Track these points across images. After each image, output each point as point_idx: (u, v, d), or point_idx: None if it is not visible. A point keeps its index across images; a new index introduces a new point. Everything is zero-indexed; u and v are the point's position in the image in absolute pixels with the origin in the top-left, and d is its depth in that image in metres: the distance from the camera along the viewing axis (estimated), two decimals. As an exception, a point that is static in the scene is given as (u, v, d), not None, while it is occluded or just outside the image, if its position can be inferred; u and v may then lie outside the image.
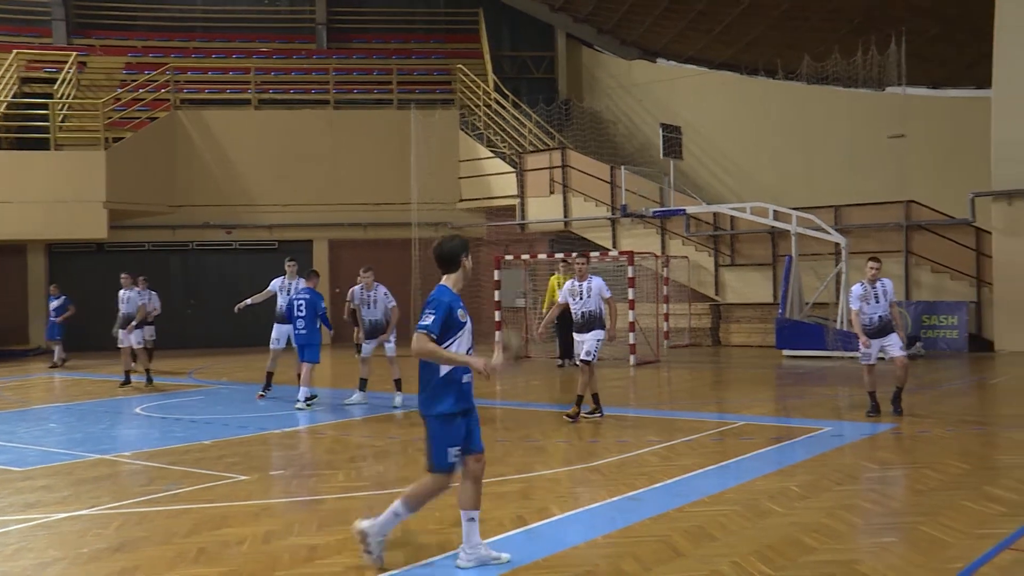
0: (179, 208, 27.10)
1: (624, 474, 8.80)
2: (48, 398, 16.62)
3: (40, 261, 27.18)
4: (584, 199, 25.87)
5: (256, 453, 10.51)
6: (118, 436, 12.24)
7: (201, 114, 27.75)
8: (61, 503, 8.16)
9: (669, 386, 16.68)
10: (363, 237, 27.54)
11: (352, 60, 31.31)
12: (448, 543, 6.52)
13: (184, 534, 6.98)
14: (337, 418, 13.13)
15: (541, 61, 32.92)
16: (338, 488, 8.52)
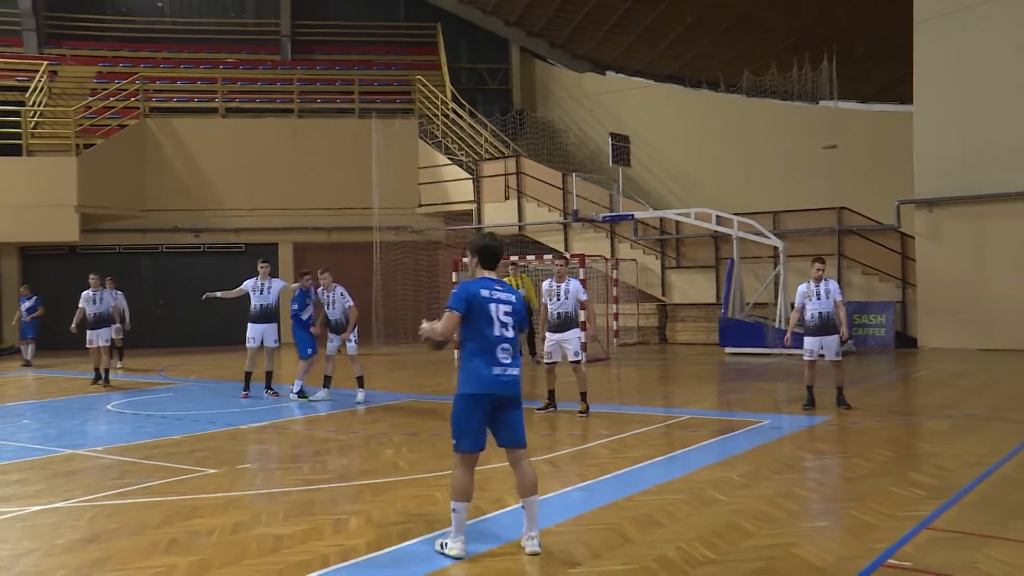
0: (149, 212, 26.79)
1: (577, 465, 8.86)
2: (21, 395, 16.35)
3: (13, 263, 26.70)
4: (538, 204, 25.95)
5: (224, 447, 10.42)
6: (91, 432, 12.09)
7: (170, 122, 27.43)
8: (35, 496, 8.05)
9: (619, 382, 16.79)
10: (326, 240, 27.39)
11: (315, 71, 31.13)
12: (410, 532, 6.53)
13: (156, 525, 6.92)
14: (303, 414, 13.06)
15: (496, 73, 32.97)
16: (303, 481, 8.48)
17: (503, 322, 5.95)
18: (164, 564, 5.96)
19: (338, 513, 7.18)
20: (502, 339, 5.94)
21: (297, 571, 5.77)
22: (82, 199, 24.76)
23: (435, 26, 31.97)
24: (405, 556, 6.05)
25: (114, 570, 5.90)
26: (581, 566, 5.77)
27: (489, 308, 5.92)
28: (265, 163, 27.25)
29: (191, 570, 5.84)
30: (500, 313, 5.94)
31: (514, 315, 6.01)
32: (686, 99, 29.09)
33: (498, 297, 5.97)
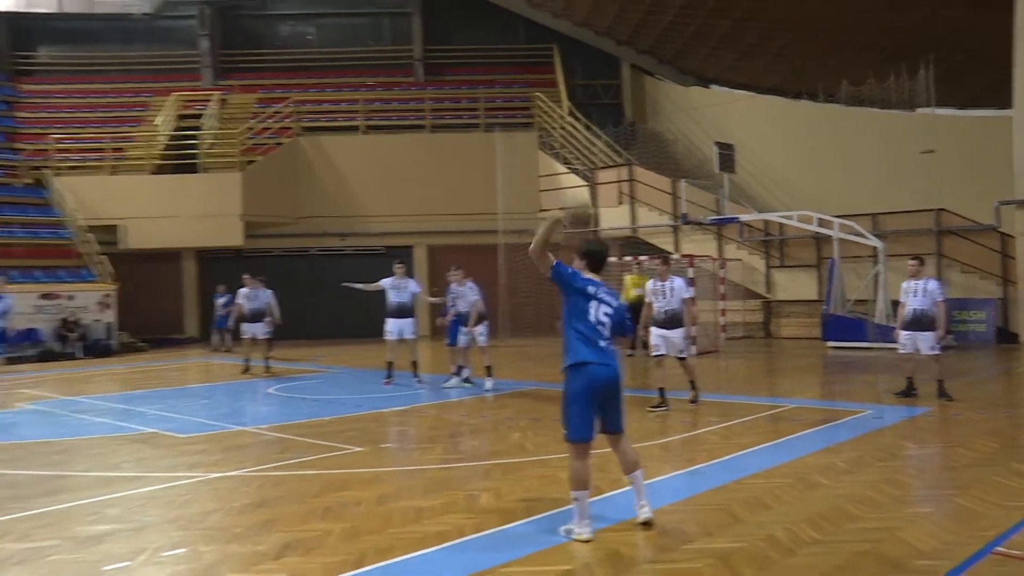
0: (302, 219, 27.61)
1: (687, 450, 8.75)
2: (201, 379, 17.11)
3: (192, 265, 28.02)
4: (649, 209, 25.65)
5: (370, 428, 10.68)
6: (256, 412, 12.57)
7: (319, 139, 28.22)
8: (214, 465, 8.46)
9: (727, 373, 16.47)
10: (456, 243, 27.68)
11: (445, 91, 31.51)
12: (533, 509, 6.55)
13: (313, 495, 7.16)
14: (438, 399, 13.27)
15: (609, 88, 32.72)
16: (439, 459, 8.61)
17: (601, 321, 5.89)
18: (320, 529, 6.16)
19: (471, 489, 7.26)
20: (601, 335, 5.88)
21: (436, 540, 5.87)
22: (245, 209, 25.75)
23: (552, 47, 31.94)
24: (531, 530, 6.08)
25: (279, 531, 6.13)
26: (693, 543, 5.70)
27: (590, 305, 5.89)
28: (401, 174, 27.76)
29: (343, 535, 6.01)
30: (600, 313, 5.90)
31: (613, 316, 5.94)
32: (787, 109, 28.31)
33: (601, 297, 5.94)
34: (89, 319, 22.69)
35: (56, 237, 25.04)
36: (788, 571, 5.17)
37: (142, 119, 29.70)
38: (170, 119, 28.77)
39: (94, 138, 28.15)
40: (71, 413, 12.26)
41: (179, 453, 9.16)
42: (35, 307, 21.98)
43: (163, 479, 7.89)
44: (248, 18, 32.95)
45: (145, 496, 7.30)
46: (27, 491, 7.55)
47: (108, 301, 23.20)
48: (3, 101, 30.62)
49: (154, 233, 25.54)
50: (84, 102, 30.97)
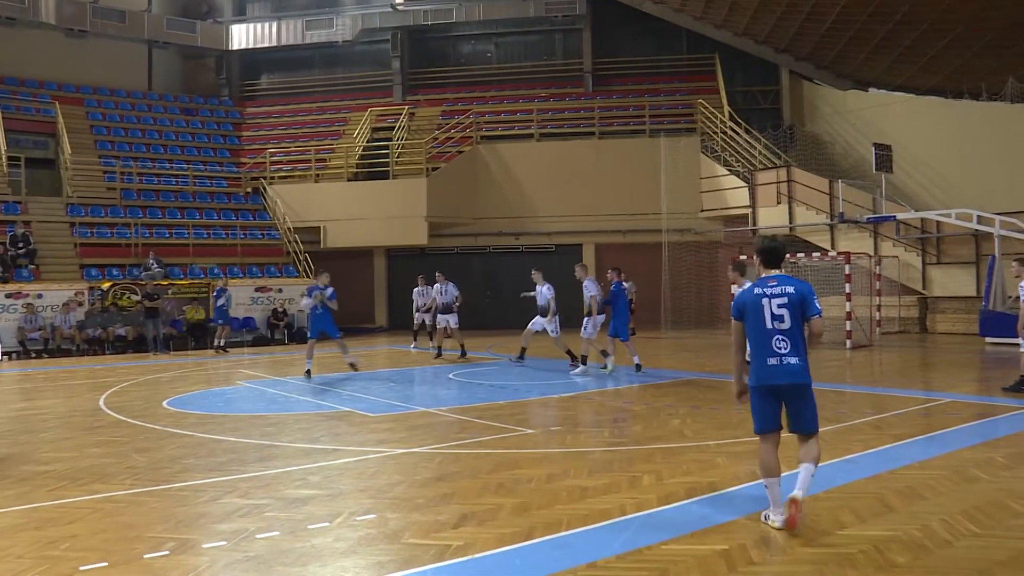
0: (479, 220, 28.22)
1: (842, 440, 8.34)
2: (388, 364, 17.82)
3: (382, 262, 29.22)
4: (806, 208, 24.57)
5: (539, 412, 10.78)
6: (437, 395, 12.94)
7: (496, 147, 28.73)
8: (399, 442, 8.77)
9: (881, 367, 15.58)
10: (622, 241, 27.54)
11: (612, 99, 31.33)
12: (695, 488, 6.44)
13: (487, 472, 7.30)
14: (602, 387, 13.25)
15: (768, 94, 31.55)
16: (604, 442, 8.61)
17: (776, 315, 5.50)
18: (494, 503, 6.28)
19: (633, 471, 7.22)
20: (775, 331, 5.51)
21: (600, 517, 5.88)
22: (430, 211, 26.61)
23: (713, 56, 31.14)
24: (690, 511, 5.99)
25: (457, 503, 6.31)
26: (848, 529, 5.45)
27: (761, 304, 5.56)
28: (571, 178, 27.85)
29: (515, 510, 6.11)
30: (773, 306, 5.52)
31: (789, 307, 5.49)
32: (947, 109, 26.32)
33: (771, 292, 5.56)
34: (294, 309, 24.12)
35: (268, 238, 26.81)
36: (945, 562, 4.85)
37: (342, 133, 31.27)
38: (365, 132, 30.15)
39: (301, 151, 29.90)
40: (279, 392, 13.07)
41: (369, 430, 9.56)
42: (251, 299, 23.65)
43: (356, 452, 8.26)
44: (434, 39, 33.96)
45: (340, 467, 7.68)
46: (246, 456, 8.14)
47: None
48: (231, 123, 33.07)
49: (350, 233, 26.88)
50: (294, 120, 32.94)
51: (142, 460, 8.02)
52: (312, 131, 31.89)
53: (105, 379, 15.15)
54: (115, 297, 21.63)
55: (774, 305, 5.52)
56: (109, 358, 19.85)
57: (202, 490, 6.85)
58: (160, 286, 21.80)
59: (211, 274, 24.14)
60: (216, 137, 31.84)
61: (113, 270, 23.10)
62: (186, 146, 30.56)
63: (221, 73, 35.02)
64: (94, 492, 6.82)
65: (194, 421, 10.35)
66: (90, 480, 7.23)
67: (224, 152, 31.09)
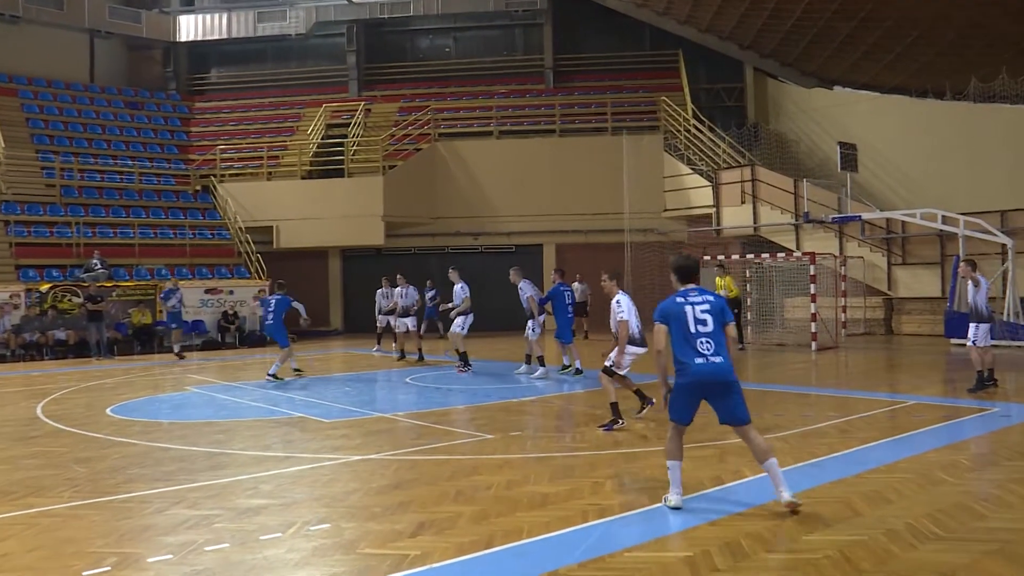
0: (437, 219, 28.15)
1: (807, 444, 8.45)
2: (343, 368, 17.69)
3: (337, 263, 28.99)
4: (771, 208, 24.89)
5: (498, 417, 10.75)
6: (394, 399, 12.88)
7: (454, 144, 28.68)
8: (356, 448, 8.71)
9: (847, 369, 15.83)
10: (584, 241, 27.66)
11: (574, 96, 31.46)
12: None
13: (445, 479, 7.28)
14: (561, 391, 13.27)
15: (732, 92, 31.93)
16: (565, 447, 8.61)
17: (700, 319, 6.13)
18: (452, 511, 6.26)
19: (596, 476, 7.24)
20: (699, 334, 6.11)
21: (561, 524, 5.88)
22: (386, 210, 26.46)
23: (677, 53, 31.42)
24: (654, 516, 6.02)
25: (415, 511, 6.27)
26: (814, 534, 5.51)
27: (684, 311, 6.17)
28: (532, 176, 27.91)
29: (474, 517, 6.09)
30: (697, 312, 6.17)
31: (711, 312, 6.17)
32: (912, 108, 26.87)
33: (693, 300, 6.23)
34: (246, 312, 23.82)
35: (219, 238, 26.45)
36: (909, 566, 4.92)
37: (295, 129, 30.99)
38: (320, 128, 29.91)
39: (253, 147, 29.56)
40: (230, 397, 12.92)
41: (324, 436, 9.50)
42: (201, 301, 23.30)
43: (309, 460, 8.20)
44: (391, 33, 33.81)
45: (294, 475, 7.61)
46: (195, 465, 8.01)
47: (262, 296, 24.24)
48: (179, 118, 32.56)
49: (304, 233, 26.62)
50: (246, 116, 32.56)
51: (82, 471, 7.85)
52: (264, 127, 31.57)
53: (43, 386, 14.82)
54: (55, 300, 21.16)
55: (698, 311, 6.18)
56: (48, 364, 19.43)
57: (147, 501, 6.72)
58: (104, 288, 21.38)
59: (158, 275, 23.75)
60: (163, 133, 31.35)
61: (53, 271, 22.58)
62: (131, 141, 30.03)
63: (168, 66, 34.50)
64: (29, 507, 6.63)
65: (139, 429, 10.16)
66: (24, 494, 7.03)
67: (172, 148, 30.63)
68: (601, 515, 6.06)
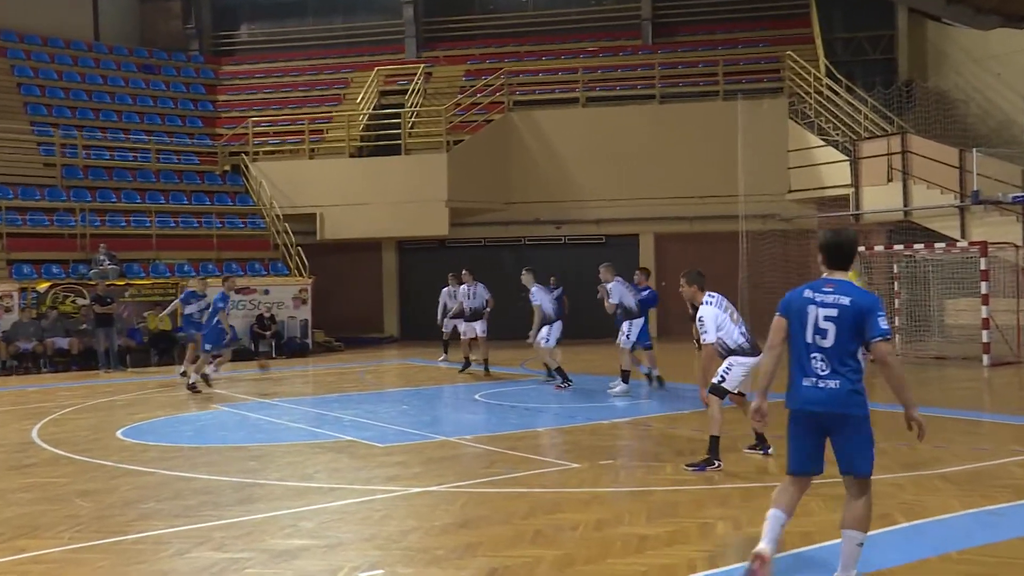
0: (512, 205, 28.21)
1: (980, 485, 8.12)
2: (400, 383, 17.89)
3: (392, 257, 29.32)
4: (927, 186, 24.19)
5: (585, 442, 10.71)
6: (461, 420, 12.96)
7: (532, 114, 28.71)
8: (414, 478, 8.80)
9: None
10: (689, 230, 27.39)
11: (677, 53, 31.17)
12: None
13: (521, 516, 7.28)
14: (665, 411, 13.13)
15: (878, 41, 31.17)
16: (667, 480, 8.54)
17: (820, 328, 5.49)
18: (531, 555, 6.24)
19: (704, 517, 7.16)
20: (813, 347, 5.52)
21: (662, 574, 5.81)
22: (451, 194, 26.63)
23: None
24: (776, 568, 5.87)
25: (485, 555, 6.28)
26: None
27: (807, 311, 5.55)
28: (626, 152, 27.73)
29: (556, 563, 6.06)
30: (820, 317, 5.50)
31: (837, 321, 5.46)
32: None
33: (821, 300, 5.53)
34: (284, 316, 24.24)
35: (252, 227, 27.04)
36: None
37: (342, 97, 31.48)
38: (371, 96, 30.30)
39: (292, 120, 30.12)
40: (265, 417, 13.14)
41: (376, 464, 9.60)
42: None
43: (359, 492, 8.29)
44: (455, -19, 34.11)
45: (340, 510, 7.70)
46: (222, 498, 8.17)
47: (304, 296, 24.73)
48: (203, 84, 33.26)
49: (352, 222, 26.96)
50: (282, 81, 33.19)
51: (87, 507, 8.03)
52: (305, 95, 32.15)
53: (40, 404, 15.27)
54: (55, 301, 21.79)
55: (820, 316, 5.51)
56: (46, 377, 20.02)
57: (165, 542, 6.87)
58: (114, 287, 22.00)
59: (179, 272, 24.38)
60: (184, 102, 32.10)
61: (52, 267, 23.29)
62: (146, 112, 30.77)
63: (189, 21, 35.25)
64: (20, 551, 6.71)
65: (155, 455, 10.44)
66: (15, 535, 7.15)
67: (195, 121, 31.41)
68: (712, 564, 5.99)
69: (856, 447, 5.44)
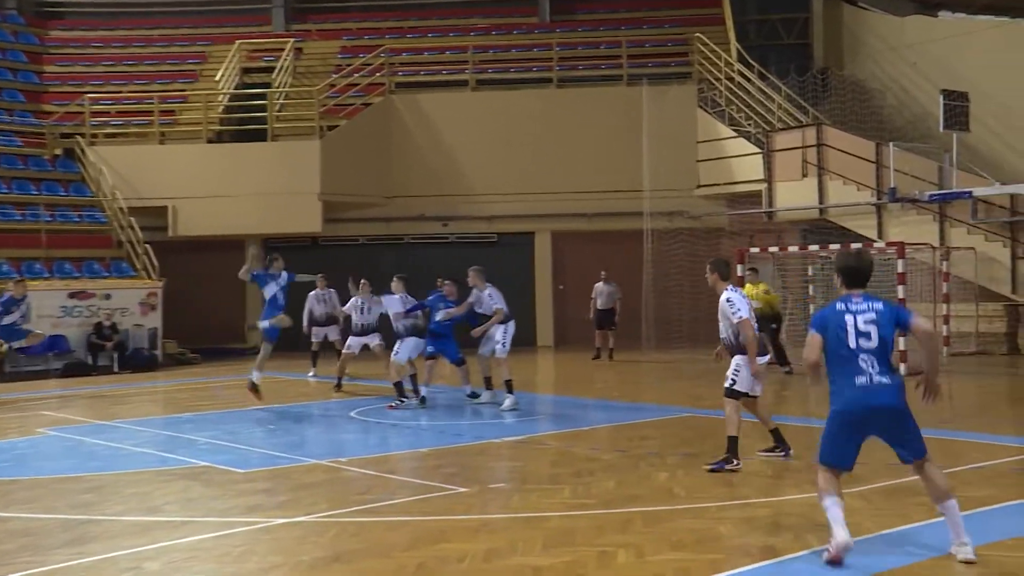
0: (393, 199, 28.09)
1: (897, 503, 8.40)
2: (265, 399, 17.56)
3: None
4: (843, 182, 24.95)
5: (474, 463, 10.73)
6: (334, 441, 12.82)
7: (416, 98, 28.65)
8: (279, 508, 8.68)
9: (951, 401, 15.82)
10: (588, 228, 27.64)
11: (577, 33, 31.50)
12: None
13: (402, 548, 7.24)
14: (561, 428, 13.21)
15: (793, 24, 32.04)
16: (563, 504, 8.59)
17: (863, 331, 6.79)
18: (411, 591, 6.20)
19: (604, 544, 7.21)
20: (860, 350, 6.77)
21: (558, 609, 5.84)
22: (324, 186, 26.36)
23: (718, -27, 31.55)
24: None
25: (359, 594, 6.22)
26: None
27: (845, 321, 6.83)
28: (520, 141, 27.87)
29: (440, 600, 6.05)
30: (859, 322, 6.82)
31: (876, 323, 6.81)
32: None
33: (855, 309, 6.87)
34: (128, 324, 23.64)
35: (90, 222, 26.28)
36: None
37: (198, 74, 30.86)
38: (232, 73, 29.74)
39: (138, 97, 29.34)
40: (104, 441, 12.75)
41: (236, 492, 9.43)
42: (62, 309, 22.96)
43: (215, 525, 8.13)
44: (328, -55, 33.82)
45: (192, 546, 7.53)
46: (47, 540, 7.88)
47: (152, 302, 24.12)
48: (24, 52, 31.75)
49: (210, 217, 26.42)
50: (126, 53, 32.28)
51: None
52: (154, 70, 31.40)
53: None
54: None
55: (860, 321, 6.83)
56: None
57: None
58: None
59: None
60: (2, 72, 30.94)
61: None
62: (-47, 84, 29.54)
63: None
64: None
65: (-32, 489, 10.03)
66: None
67: (14, 94, 30.02)
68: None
69: (914, 434, 6.80)
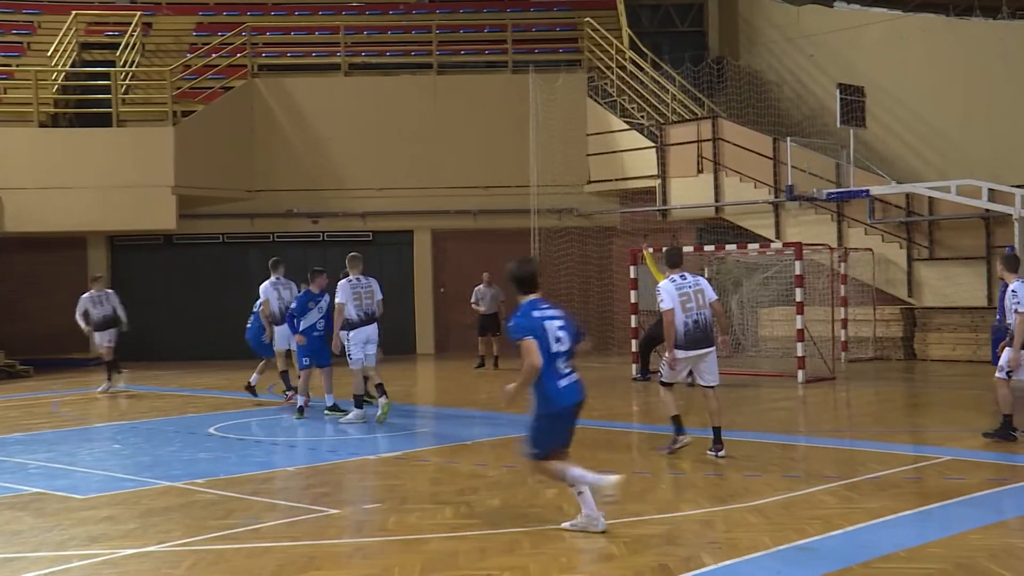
0: (258, 194, 27.74)
1: (793, 517, 8.62)
2: (111, 415, 17.23)
3: (102, 256, 28.10)
4: (740, 179, 25.48)
5: (348, 483, 10.72)
6: (190, 460, 12.59)
7: (282, 82, 28.36)
8: (127, 537, 8.47)
9: (848, 409, 16.31)
10: (473, 226, 27.70)
11: (459, 15, 31.53)
12: None
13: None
14: (443, 443, 13.23)
15: (687, 11, 32.59)
16: (444, 526, 8.60)
17: (558, 336, 8.10)
18: (277, 624, 6.17)
19: (488, 568, 7.25)
20: (559, 354, 8.14)
21: (438, 640, 5.86)
22: (179, 178, 25.85)
23: (609, -47, 31.91)
24: None
25: (218, 629, 6.15)
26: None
27: (545, 327, 8.06)
28: (397, 131, 27.79)
29: (309, 633, 6.02)
30: (555, 328, 8.12)
31: (566, 328, 8.20)
32: (948, 33, 27.52)
33: (549, 315, 8.18)
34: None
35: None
36: None
37: (25, 47, 29.95)
38: (69, 49, 28.89)
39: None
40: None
41: (74, 521, 9.14)
42: None
43: (48, 560, 7.89)
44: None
45: (22, 584, 7.31)
46: None
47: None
48: None
49: (46, 211, 25.62)
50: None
51: None
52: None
53: None
54: None
55: (555, 327, 8.11)
56: None
57: None
58: None
59: None
60: None
61: None
62: None
63: None
64: None
65: None
66: None
67: None
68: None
69: None
